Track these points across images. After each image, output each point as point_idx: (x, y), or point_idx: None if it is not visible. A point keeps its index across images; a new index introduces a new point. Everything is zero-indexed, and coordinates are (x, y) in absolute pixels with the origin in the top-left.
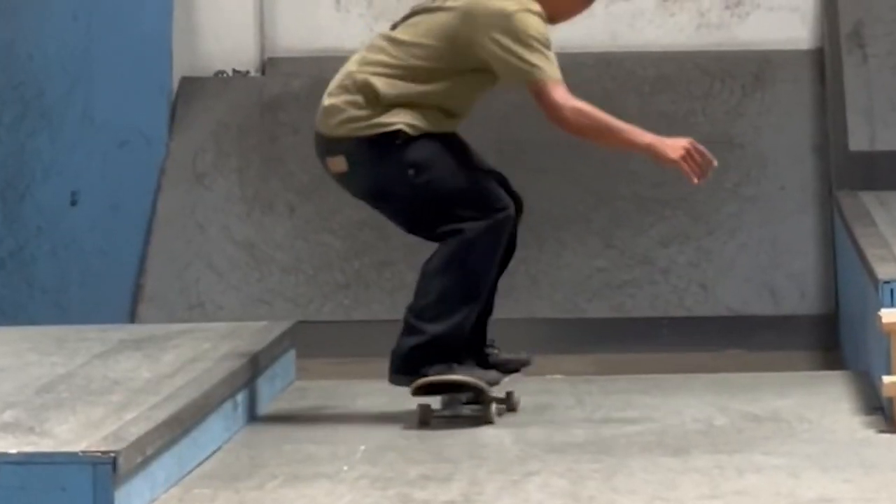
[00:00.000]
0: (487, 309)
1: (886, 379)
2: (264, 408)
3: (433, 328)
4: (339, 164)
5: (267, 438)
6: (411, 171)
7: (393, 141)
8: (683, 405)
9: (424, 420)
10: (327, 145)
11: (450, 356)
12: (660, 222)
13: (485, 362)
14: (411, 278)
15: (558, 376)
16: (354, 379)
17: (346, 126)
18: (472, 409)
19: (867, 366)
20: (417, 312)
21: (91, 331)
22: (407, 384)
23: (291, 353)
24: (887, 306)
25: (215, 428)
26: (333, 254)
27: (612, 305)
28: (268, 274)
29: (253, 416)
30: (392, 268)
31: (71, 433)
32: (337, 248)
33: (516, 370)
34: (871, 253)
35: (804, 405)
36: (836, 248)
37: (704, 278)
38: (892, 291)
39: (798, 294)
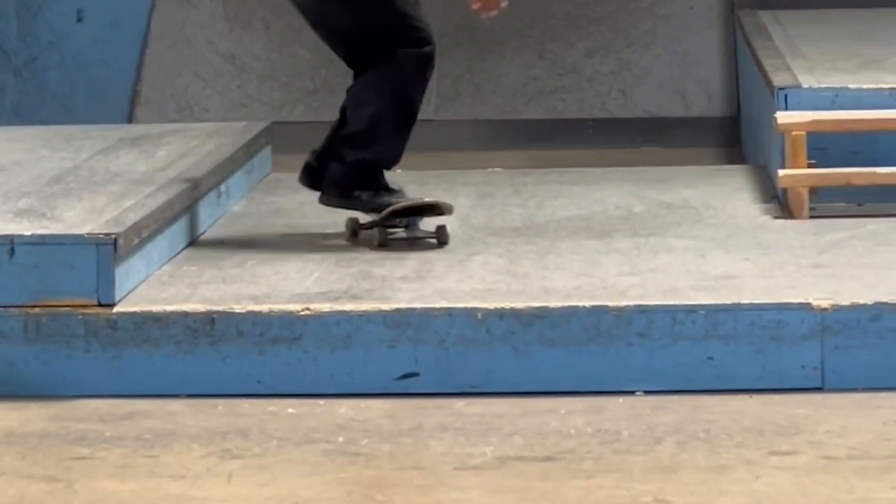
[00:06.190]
0: None
1: (781, 172)
2: (244, 196)
3: (366, 154)
4: None
5: (246, 223)
6: None
7: None
8: (606, 194)
9: (382, 242)
10: None
11: (379, 183)
12: (586, 37)
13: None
14: None
15: (498, 169)
16: None
17: None
18: (425, 232)
19: (765, 160)
20: (349, 139)
21: (94, 130)
22: (337, 205)
23: (267, 150)
24: (781, 109)
25: (202, 214)
26: (304, 64)
27: (545, 108)
28: (247, 81)
29: (234, 204)
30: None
31: (78, 218)
32: (307, 58)
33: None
34: (768, 63)
35: (710, 194)
36: (738, 59)
37: (624, 85)
38: (785, 96)
39: (705, 98)
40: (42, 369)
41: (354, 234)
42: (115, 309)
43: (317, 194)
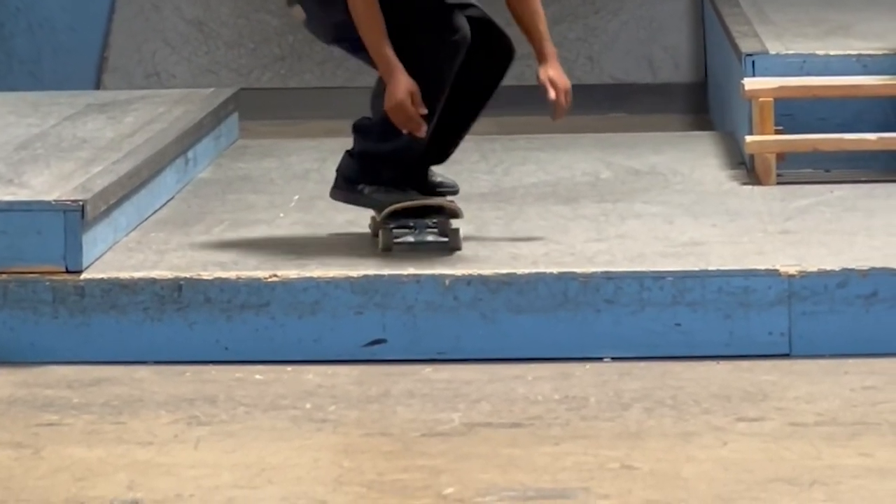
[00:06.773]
0: (440, 151)
1: (748, 138)
2: (211, 163)
3: (376, 146)
4: (298, 13)
5: (213, 189)
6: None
7: None
8: (573, 161)
9: (387, 247)
10: None
11: (386, 179)
12: (552, 3)
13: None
14: (339, 52)
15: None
16: (289, 138)
17: None
18: (435, 236)
19: (732, 127)
20: (361, 129)
21: (62, 96)
22: (342, 199)
23: (235, 116)
24: (749, 76)
25: (169, 180)
26: (271, 30)
27: (513, 75)
28: (214, 48)
29: (201, 170)
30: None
31: (45, 184)
32: (274, 25)
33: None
34: (736, 30)
35: (678, 160)
36: (706, 25)
37: (591, 51)
38: (752, 63)
39: (672, 65)
40: (9, 335)
41: (377, 235)
42: (83, 275)
43: (285, 158)
